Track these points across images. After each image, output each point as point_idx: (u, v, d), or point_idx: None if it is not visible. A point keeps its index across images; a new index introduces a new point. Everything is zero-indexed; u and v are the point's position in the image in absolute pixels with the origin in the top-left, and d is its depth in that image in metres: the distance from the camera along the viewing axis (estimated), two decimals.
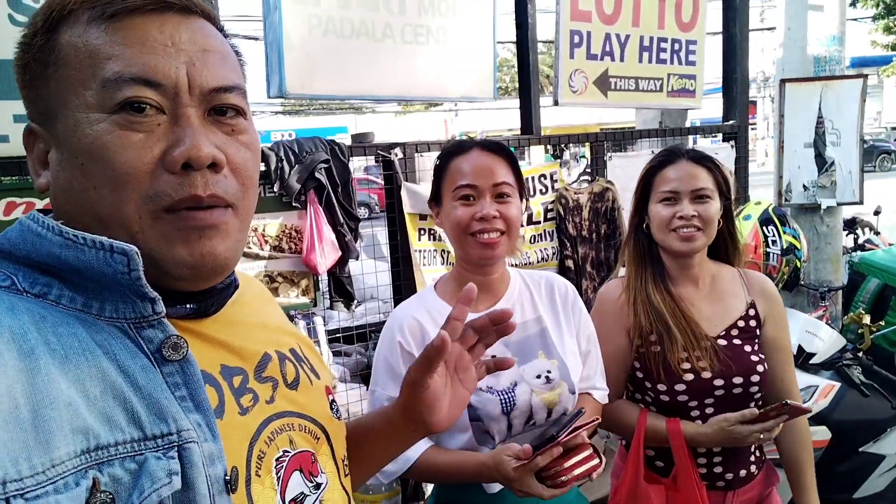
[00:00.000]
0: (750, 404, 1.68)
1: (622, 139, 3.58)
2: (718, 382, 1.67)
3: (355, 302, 3.30)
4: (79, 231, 0.61)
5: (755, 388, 1.68)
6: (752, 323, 1.75)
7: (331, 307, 2.87)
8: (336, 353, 2.94)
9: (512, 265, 3.12)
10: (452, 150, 1.46)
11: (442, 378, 0.88)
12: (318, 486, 0.77)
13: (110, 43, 0.63)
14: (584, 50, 3.24)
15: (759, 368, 1.69)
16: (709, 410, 1.67)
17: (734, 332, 1.73)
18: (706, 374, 1.67)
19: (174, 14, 0.67)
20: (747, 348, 1.71)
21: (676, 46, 3.52)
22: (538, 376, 1.43)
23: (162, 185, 0.64)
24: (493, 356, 1.39)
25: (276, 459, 0.72)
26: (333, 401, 0.88)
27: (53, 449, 0.52)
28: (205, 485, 0.61)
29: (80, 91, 0.63)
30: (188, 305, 0.70)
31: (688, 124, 5.14)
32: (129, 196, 0.63)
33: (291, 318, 2.89)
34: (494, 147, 1.45)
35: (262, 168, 2.59)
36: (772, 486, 1.78)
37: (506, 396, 1.39)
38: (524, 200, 1.51)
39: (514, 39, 3.21)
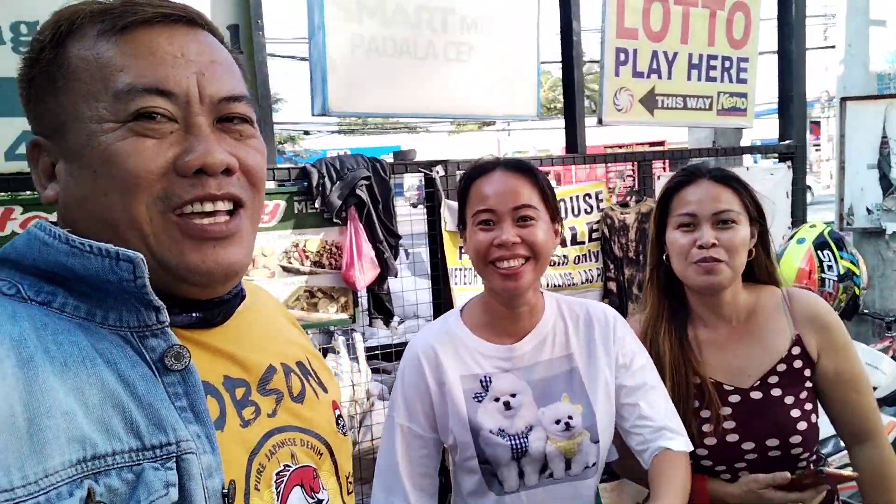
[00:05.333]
0: (798, 466, 1.45)
1: (671, 158, 3.49)
2: (748, 446, 1.44)
3: (397, 319, 3.30)
4: (85, 239, 0.62)
5: (799, 450, 1.43)
6: (798, 364, 1.47)
7: (370, 324, 2.87)
8: (375, 371, 2.94)
9: (555, 286, 3.10)
10: (474, 173, 1.37)
11: None
12: (319, 502, 0.75)
13: (121, 55, 0.64)
14: (630, 68, 3.19)
15: (802, 426, 1.43)
16: (741, 474, 1.46)
17: (773, 379, 1.47)
18: (732, 438, 1.44)
19: (182, 26, 0.68)
20: (788, 400, 1.45)
21: (727, 64, 3.43)
22: (557, 422, 1.31)
23: (174, 187, 0.65)
24: (514, 394, 1.33)
25: (277, 474, 0.71)
26: (340, 416, 0.86)
27: (48, 458, 0.52)
28: (202, 497, 0.60)
29: (92, 103, 0.64)
30: (194, 314, 0.71)
31: (749, 143, 4.99)
32: (139, 198, 0.64)
33: (331, 334, 2.91)
34: (518, 167, 1.35)
35: (304, 184, 2.63)
36: None
37: (517, 441, 1.30)
38: (557, 223, 1.38)
39: (559, 59, 3.18)
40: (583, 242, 3.17)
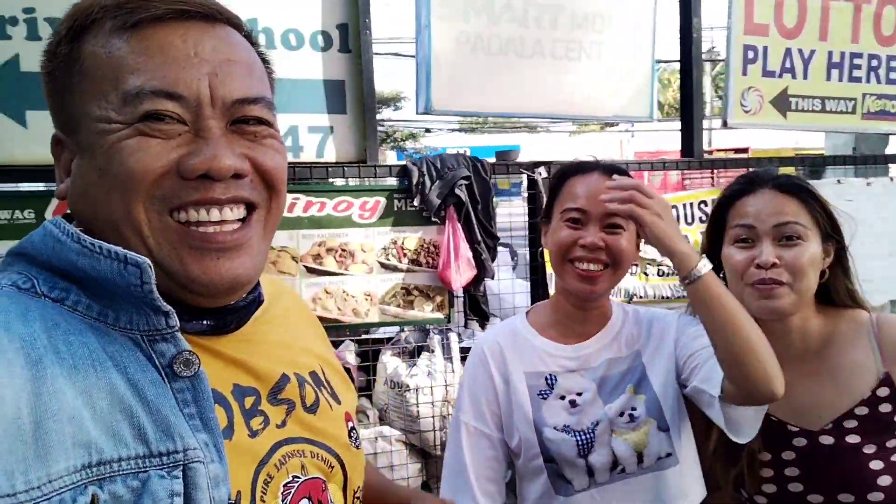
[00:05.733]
0: None
1: (802, 165, 3.20)
2: (815, 499, 1.24)
3: (497, 321, 3.25)
4: (96, 240, 0.61)
5: None
6: (886, 408, 1.23)
7: (465, 325, 2.85)
8: None
9: (663, 298, 2.92)
10: (571, 170, 1.37)
11: None
12: None
13: (132, 54, 0.63)
14: (760, 66, 2.96)
15: (885, 481, 1.19)
16: None
17: (850, 423, 1.24)
18: (795, 487, 1.25)
19: (198, 22, 0.65)
20: (868, 449, 1.21)
21: (874, 63, 3.09)
22: (622, 414, 1.29)
23: (174, 188, 0.63)
24: (580, 393, 1.32)
25: (285, 485, 0.69)
26: (353, 428, 0.83)
27: (52, 463, 0.51)
28: None
29: (102, 103, 0.63)
30: (205, 322, 0.69)
31: None
32: (138, 197, 0.62)
33: (427, 332, 2.92)
34: (617, 172, 1.33)
35: (396, 181, 2.65)
36: None
37: (583, 437, 1.27)
38: (640, 237, 1.35)
39: (678, 57, 3.00)
40: None
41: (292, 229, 2.56)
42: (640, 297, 2.89)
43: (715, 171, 3.20)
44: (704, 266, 1.14)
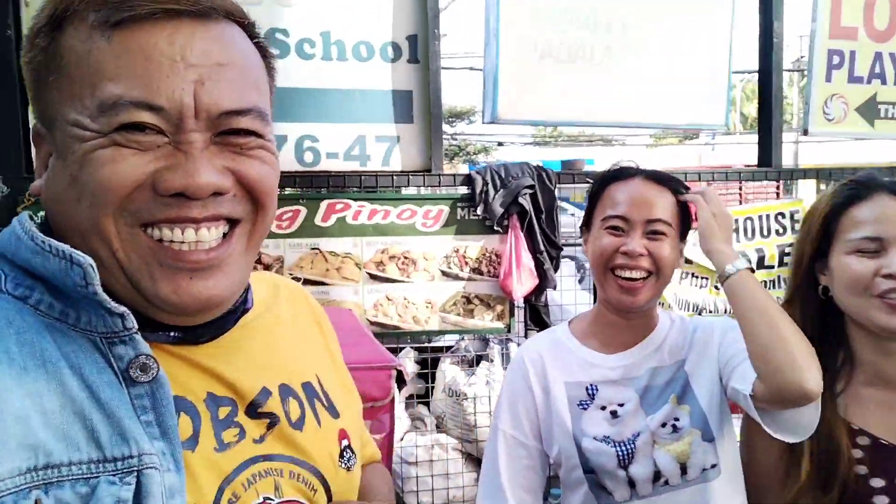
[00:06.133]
0: None
1: (891, 177, 3.00)
2: None
3: None
4: (47, 238, 0.58)
5: None
6: None
7: (525, 335, 2.81)
8: None
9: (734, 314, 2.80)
10: (612, 176, 1.34)
11: None
12: None
13: (113, 56, 0.57)
14: (846, 72, 2.80)
15: None
16: None
17: None
18: None
19: (189, 21, 0.59)
20: None
21: None
22: (664, 425, 1.25)
23: (147, 204, 0.58)
24: (622, 403, 1.29)
25: None
26: (347, 447, 0.75)
27: None
28: None
29: (78, 106, 0.58)
30: (171, 333, 0.63)
31: None
32: (107, 210, 0.58)
33: (487, 341, 2.89)
34: (660, 178, 1.31)
35: (468, 191, 2.65)
36: None
37: (624, 448, 1.24)
38: (683, 243, 1.34)
39: (757, 67, 2.87)
40: (771, 267, 2.83)
41: (357, 236, 2.60)
42: (711, 312, 2.78)
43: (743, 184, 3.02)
44: (741, 264, 1.20)
